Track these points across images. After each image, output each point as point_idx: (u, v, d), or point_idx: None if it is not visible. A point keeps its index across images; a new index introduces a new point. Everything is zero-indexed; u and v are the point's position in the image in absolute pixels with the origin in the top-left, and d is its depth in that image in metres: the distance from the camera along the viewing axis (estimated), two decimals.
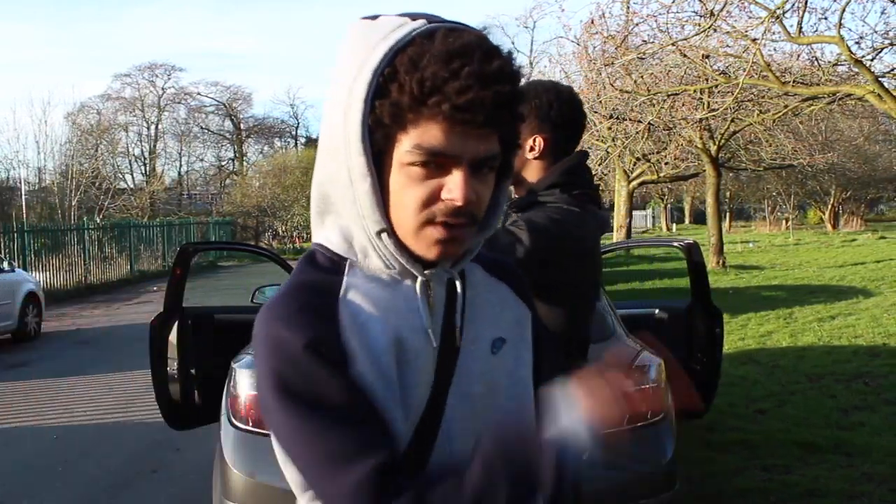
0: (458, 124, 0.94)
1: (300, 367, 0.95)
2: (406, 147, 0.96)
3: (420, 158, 0.96)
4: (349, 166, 0.99)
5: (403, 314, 1.03)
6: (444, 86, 0.92)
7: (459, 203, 0.96)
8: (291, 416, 0.96)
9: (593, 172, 2.27)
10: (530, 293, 1.21)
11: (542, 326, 1.23)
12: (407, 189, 0.98)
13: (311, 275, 1.04)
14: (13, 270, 11.27)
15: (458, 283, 1.07)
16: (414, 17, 1.00)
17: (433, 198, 0.97)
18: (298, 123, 54.31)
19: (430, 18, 1.00)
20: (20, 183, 29.66)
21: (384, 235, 1.00)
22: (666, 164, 19.63)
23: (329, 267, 1.04)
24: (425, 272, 1.04)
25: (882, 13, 28.85)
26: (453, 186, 0.96)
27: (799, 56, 11.95)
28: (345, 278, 1.02)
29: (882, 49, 10.09)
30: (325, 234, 1.07)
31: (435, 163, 0.96)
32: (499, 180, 1.07)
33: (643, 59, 12.58)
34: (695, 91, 12.82)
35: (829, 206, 38.07)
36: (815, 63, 11.27)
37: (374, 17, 1.02)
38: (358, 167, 0.98)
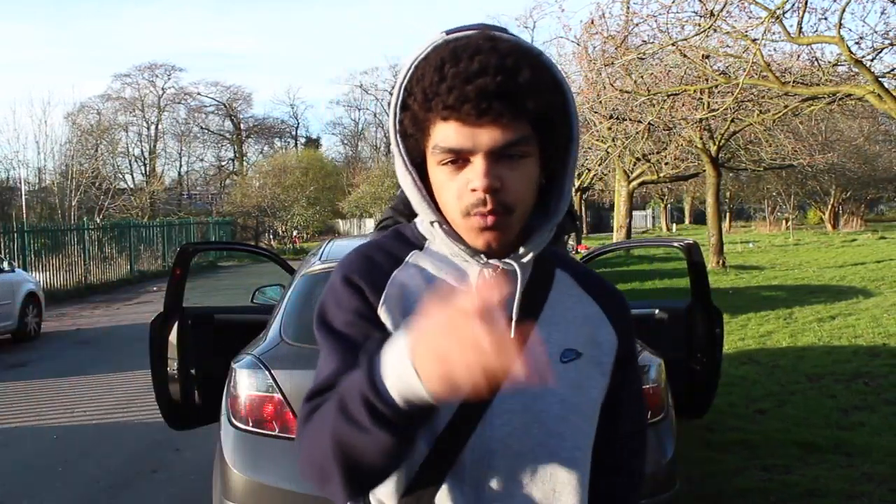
0: (459, 121, 1.02)
1: (339, 306, 1.12)
2: (431, 149, 1.07)
3: (442, 157, 1.05)
4: (398, 169, 1.12)
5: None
6: (438, 89, 1.01)
7: (480, 191, 1.03)
8: (319, 336, 1.12)
9: (594, 172, 2.27)
10: (627, 323, 1.22)
11: (632, 359, 1.23)
12: (444, 186, 1.07)
13: (388, 238, 1.20)
14: (13, 270, 11.27)
15: (518, 273, 1.10)
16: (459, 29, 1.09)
17: (464, 191, 1.05)
18: (298, 123, 54.49)
19: (451, 31, 1.08)
20: (20, 183, 29.69)
21: (437, 225, 1.10)
22: (666, 164, 19.64)
23: (408, 238, 1.18)
24: (487, 260, 1.09)
25: (882, 13, 28.90)
26: (473, 176, 1.04)
27: (799, 56, 11.93)
28: (416, 252, 1.15)
29: (882, 49, 10.08)
30: (419, 218, 1.17)
31: (458, 159, 1.05)
32: (558, 166, 1.12)
33: (643, 59, 12.58)
34: (695, 91, 12.81)
35: (829, 207, 38.08)
36: (815, 63, 11.27)
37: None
38: (399, 167, 1.11)
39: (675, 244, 4.83)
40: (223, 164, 51.23)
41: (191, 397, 4.40)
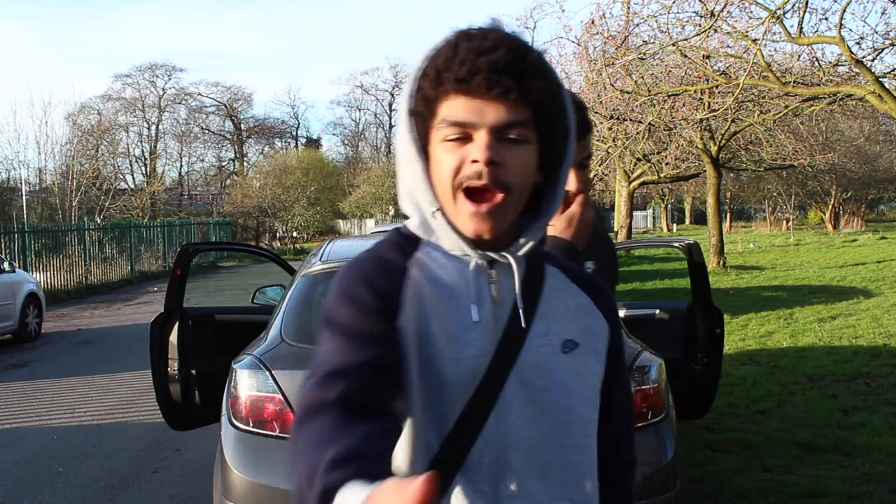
0: (468, 94, 1.07)
1: (351, 303, 1.09)
2: (437, 125, 1.10)
3: (447, 131, 1.09)
4: (406, 157, 1.13)
5: (459, 289, 1.12)
6: (450, 64, 1.07)
7: (480, 162, 1.06)
8: (323, 334, 1.09)
9: (594, 173, 2.29)
10: (616, 317, 1.26)
11: (621, 350, 1.26)
12: (442, 161, 1.10)
13: (393, 239, 1.19)
14: (14, 271, 11.26)
15: (514, 268, 1.13)
16: None
17: (462, 164, 1.08)
18: (299, 124, 54.51)
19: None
20: (21, 183, 29.62)
21: (439, 214, 1.12)
22: (666, 164, 19.63)
23: (408, 237, 1.18)
24: (485, 253, 1.12)
25: (882, 13, 28.88)
26: (474, 149, 1.07)
27: (799, 56, 11.95)
28: (417, 252, 1.16)
29: (882, 49, 10.09)
30: (411, 220, 1.19)
31: (462, 134, 1.08)
32: (553, 166, 1.15)
33: (644, 59, 12.58)
34: (695, 91, 12.81)
35: (830, 207, 38.02)
36: (816, 63, 11.27)
37: None
38: (411, 155, 1.13)
39: (676, 244, 4.83)
40: (224, 164, 51.23)
41: (191, 397, 4.41)
